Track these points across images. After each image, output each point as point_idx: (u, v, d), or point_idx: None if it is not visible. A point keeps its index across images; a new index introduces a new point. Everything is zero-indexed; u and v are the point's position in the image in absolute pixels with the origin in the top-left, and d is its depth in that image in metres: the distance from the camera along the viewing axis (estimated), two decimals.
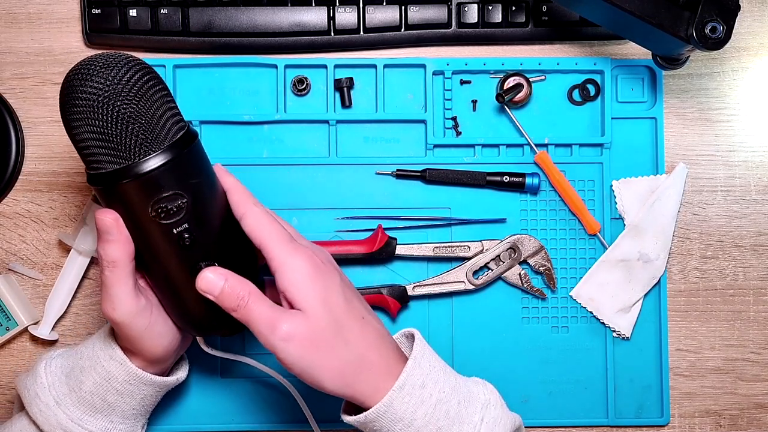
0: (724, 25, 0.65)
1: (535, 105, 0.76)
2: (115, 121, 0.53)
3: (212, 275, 0.57)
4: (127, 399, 0.63)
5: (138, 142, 0.54)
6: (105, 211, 0.56)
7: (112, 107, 0.53)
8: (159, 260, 0.59)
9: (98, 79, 0.53)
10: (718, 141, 0.77)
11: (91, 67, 0.54)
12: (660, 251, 0.75)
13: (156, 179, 0.54)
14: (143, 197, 0.55)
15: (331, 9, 0.75)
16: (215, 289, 0.57)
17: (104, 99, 0.53)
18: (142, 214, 0.56)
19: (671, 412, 0.76)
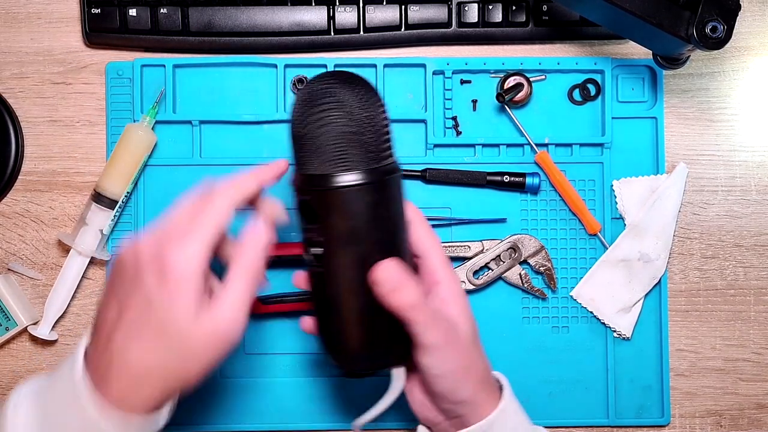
0: (725, 24, 0.65)
1: (535, 105, 0.76)
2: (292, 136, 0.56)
3: (395, 263, 0.55)
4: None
5: (307, 159, 0.55)
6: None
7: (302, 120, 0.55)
8: (336, 271, 0.56)
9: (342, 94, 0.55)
10: (719, 141, 0.77)
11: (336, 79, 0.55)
12: (660, 251, 0.75)
13: (300, 200, 0.56)
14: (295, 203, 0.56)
15: (331, 9, 0.75)
16: (391, 279, 0.54)
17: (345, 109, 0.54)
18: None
19: (672, 412, 0.76)
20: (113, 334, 0.51)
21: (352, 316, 0.56)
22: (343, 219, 0.54)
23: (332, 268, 0.55)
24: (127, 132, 0.73)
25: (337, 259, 0.55)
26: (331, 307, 0.56)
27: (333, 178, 0.54)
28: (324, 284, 0.56)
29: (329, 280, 0.56)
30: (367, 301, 0.55)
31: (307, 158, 0.55)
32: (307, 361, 0.75)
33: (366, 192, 0.54)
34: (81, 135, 0.76)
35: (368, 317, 0.56)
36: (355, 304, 0.56)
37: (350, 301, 0.56)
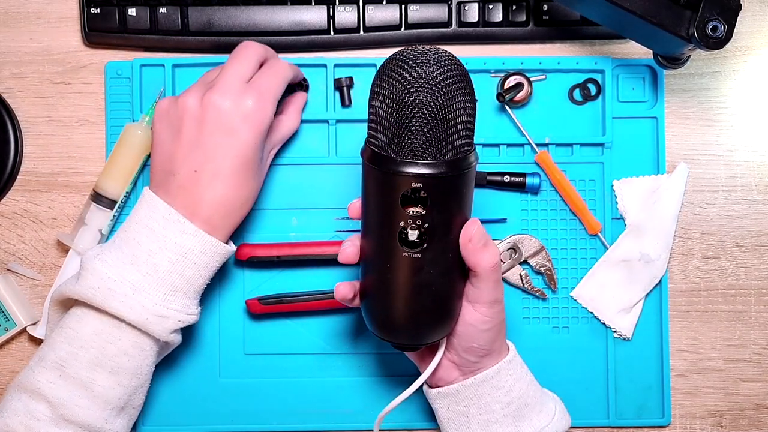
0: (726, 24, 0.65)
1: (535, 104, 0.76)
2: (404, 113, 0.54)
3: (480, 224, 0.59)
4: (203, 271, 0.64)
5: (414, 145, 0.54)
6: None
7: (406, 100, 0.54)
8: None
9: (412, 69, 0.54)
10: (720, 140, 0.77)
11: (414, 55, 0.55)
12: (661, 251, 0.75)
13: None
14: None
15: (331, 8, 0.75)
16: (485, 235, 0.59)
17: (403, 89, 0.54)
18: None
19: (672, 412, 0.76)
20: (200, 176, 0.64)
21: (435, 292, 0.59)
22: (454, 202, 0.56)
23: (431, 250, 0.57)
24: (126, 132, 0.73)
25: (437, 242, 0.57)
26: (412, 285, 0.58)
27: (455, 164, 0.55)
28: (416, 266, 0.57)
29: (429, 260, 0.57)
30: (450, 276, 0.59)
31: (419, 143, 0.54)
32: (307, 361, 0.75)
33: (469, 175, 0.57)
34: (80, 135, 0.76)
35: (447, 292, 0.59)
36: (443, 280, 0.58)
37: (439, 278, 0.58)
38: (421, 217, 0.55)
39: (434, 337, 0.61)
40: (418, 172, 0.54)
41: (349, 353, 0.75)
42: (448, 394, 0.65)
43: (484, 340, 0.62)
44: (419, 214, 0.55)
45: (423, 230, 0.56)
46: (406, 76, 0.54)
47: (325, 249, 0.73)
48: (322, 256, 0.73)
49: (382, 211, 0.57)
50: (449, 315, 0.61)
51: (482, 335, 0.62)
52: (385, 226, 0.57)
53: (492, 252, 0.59)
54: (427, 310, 0.59)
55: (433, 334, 0.61)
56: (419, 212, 0.55)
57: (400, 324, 0.60)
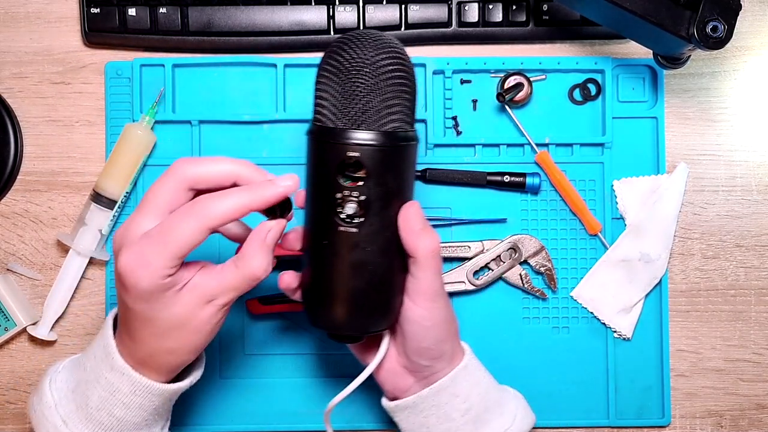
0: (726, 24, 0.65)
1: (535, 104, 0.76)
2: (346, 89, 0.55)
3: (420, 207, 0.57)
4: (136, 411, 0.58)
5: (352, 113, 0.55)
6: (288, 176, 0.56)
7: (348, 78, 0.55)
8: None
9: (353, 52, 0.55)
10: (720, 140, 0.77)
11: (357, 36, 0.56)
12: (661, 251, 0.74)
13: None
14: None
15: (331, 8, 0.75)
16: (423, 218, 0.57)
17: (346, 69, 0.55)
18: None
19: (672, 412, 0.76)
20: (122, 320, 0.57)
21: (370, 275, 0.57)
22: (391, 177, 0.56)
23: (367, 227, 0.56)
24: (126, 132, 0.73)
25: (373, 218, 0.56)
26: (348, 266, 0.57)
27: (393, 135, 0.55)
28: (353, 242, 0.56)
29: (365, 238, 0.56)
30: (387, 259, 0.57)
31: (356, 111, 0.55)
32: (307, 361, 0.75)
33: (411, 151, 0.57)
34: (80, 135, 0.76)
35: (383, 277, 0.58)
36: (379, 262, 0.57)
37: (375, 259, 0.57)
38: (358, 188, 0.55)
39: (373, 328, 0.59)
40: (355, 139, 0.54)
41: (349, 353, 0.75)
42: (406, 406, 0.62)
43: (431, 339, 0.60)
44: (357, 186, 0.55)
45: (359, 202, 0.55)
46: (349, 52, 0.55)
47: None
48: None
49: (320, 184, 0.56)
50: (388, 301, 0.59)
51: (427, 333, 0.59)
52: (322, 200, 0.56)
53: (431, 236, 0.57)
54: (364, 294, 0.57)
55: (370, 324, 0.59)
56: (357, 184, 0.55)
57: (337, 308, 0.58)
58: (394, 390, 0.64)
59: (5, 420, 0.76)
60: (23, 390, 0.76)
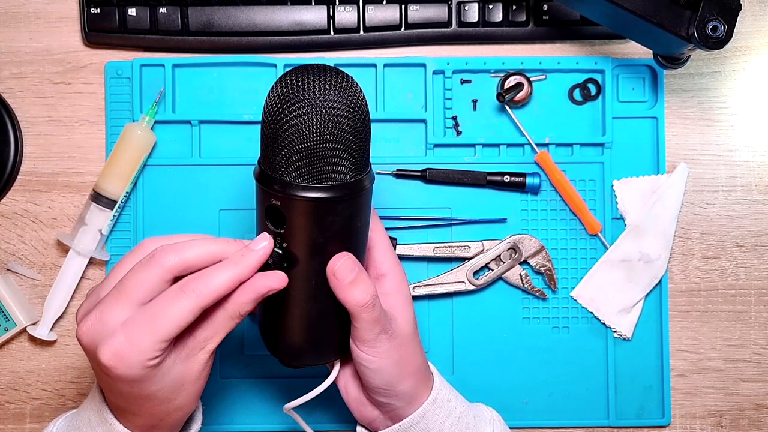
0: (726, 24, 0.65)
1: (535, 104, 0.76)
2: (279, 128, 0.51)
3: (351, 259, 0.54)
4: None
5: (281, 162, 0.51)
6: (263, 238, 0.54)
7: (283, 114, 0.51)
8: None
9: (300, 80, 0.51)
10: (720, 140, 0.77)
11: (309, 70, 0.52)
12: (661, 251, 0.74)
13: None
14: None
15: (331, 8, 0.75)
16: (353, 271, 0.54)
17: (285, 101, 0.51)
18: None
19: (672, 412, 0.76)
20: (116, 400, 0.55)
21: (304, 316, 0.56)
22: (314, 229, 0.53)
23: (295, 272, 0.54)
24: (126, 132, 0.73)
25: (300, 265, 0.54)
26: (283, 306, 0.56)
27: (310, 190, 0.51)
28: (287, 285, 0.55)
29: (291, 282, 0.54)
30: (321, 303, 0.56)
31: (281, 159, 0.52)
32: None
33: (342, 206, 0.53)
34: (80, 135, 0.76)
35: (318, 317, 0.57)
36: (311, 305, 0.56)
37: (307, 303, 0.56)
38: (280, 234, 0.53)
39: (315, 361, 0.59)
40: (276, 189, 0.51)
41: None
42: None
43: (380, 380, 0.58)
44: (278, 232, 0.53)
45: (282, 249, 0.53)
46: (296, 86, 0.51)
47: None
48: None
49: (258, 220, 0.55)
50: (323, 339, 0.58)
51: (375, 375, 0.57)
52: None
53: (362, 289, 0.54)
54: (298, 332, 0.57)
55: (312, 357, 0.59)
56: (279, 230, 0.53)
57: (278, 343, 0.58)
58: (362, 419, 0.63)
59: (5, 420, 0.76)
60: (23, 390, 0.76)
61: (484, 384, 0.75)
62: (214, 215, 0.75)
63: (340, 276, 0.54)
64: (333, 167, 0.52)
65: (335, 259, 0.54)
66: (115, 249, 0.75)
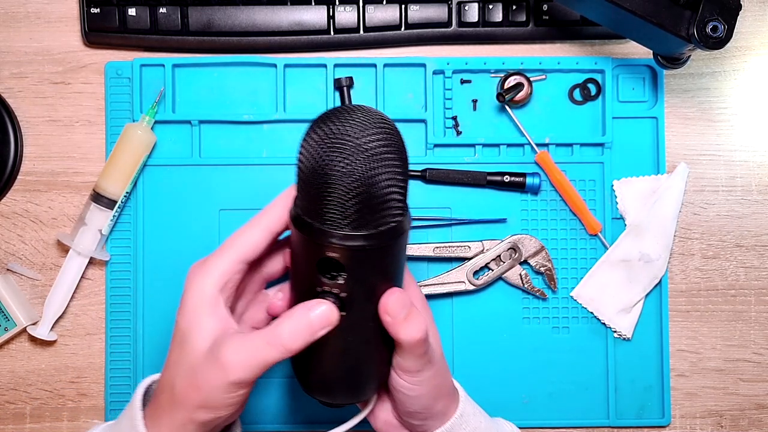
0: (726, 24, 0.65)
1: (535, 104, 0.76)
2: (323, 178, 0.49)
3: (403, 295, 0.53)
4: None
5: (331, 214, 0.49)
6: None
7: (327, 164, 0.48)
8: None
9: (338, 127, 0.49)
10: (720, 141, 0.77)
11: (343, 114, 0.50)
12: (661, 251, 0.75)
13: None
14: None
15: (331, 8, 0.75)
16: (405, 307, 0.53)
17: (326, 150, 0.49)
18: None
19: (672, 412, 0.76)
20: (164, 373, 0.55)
21: (353, 356, 0.55)
22: (371, 273, 0.52)
23: (351, 319, 0.53)
24: (126, 132, 0.73)
25: (354, 308, 0.53)
26: (331, 346, 0.54)
27: (379, 234, 0.50)
28: (336, 333, 0.53)
29: (347, 328, 0.53)
30: (370, 342, 0.55)
31: (331, 211, 0.49)
32: None
33: (397, 246, 0.52)
34: (80, 135, 0.76)
35: (367, 356, 0.56)
36: (360, 345, 0.55)
37: (357, 343, 0.55)
38: (338, 285, 0.51)
39: (356, 400, 0.58)
40: (335, 242, 0.49)
41: None
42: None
43: (418, 405, 0.58)
44: (337, 283, 0.51)
45: (340, 299, 0.52)
46: (334, 133, 0.48)
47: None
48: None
49: (302, 272, 0.53)
50: (370, 378, 0.57)
51: (413, 401, 0.57)
52: (304, 288, 0.53)
53: (415, 325, 0.53)
54: (347, 375, 0.56)
55: (353, 397, 0.58)
56: (336, 281, 0.51)
57: (322, 385, 0.57)
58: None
59: (5, 420, 0.76)
60: (23, 390, 0.76)
61: (485, 384, 0.75)
62: (214, 215, 0.75)
63: (393, 313, 0.53)
64: (386, 209, 0.50)
65: (387, 296, 0.53)
66: (115, 249, 0.75)
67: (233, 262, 0.54)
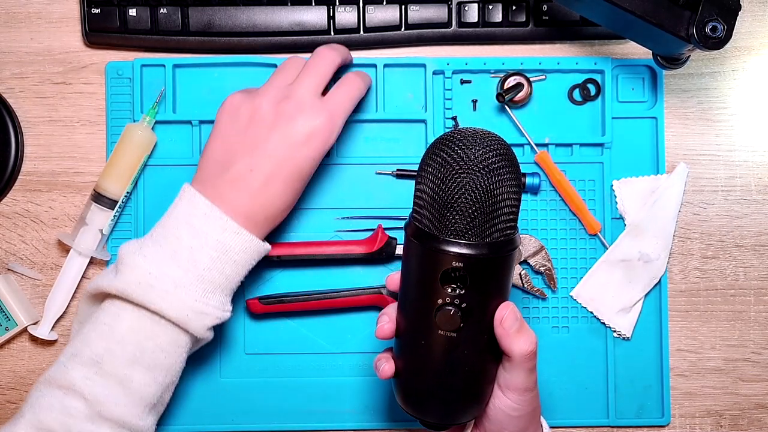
0: (725, 24, 0.65)
1: (535, 104, 0.76)
2: (450, 193, 0.53)
3: (515, 308, 0.57)
4: (241, 269, 0.64)
5: (458, 225, 0.54)
6: None
7: (453, 180, 0.53)
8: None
9: (461, 150, 0.54)
10: (719, 141, 0.77)
11: (464, 137, 0.55)
12: (660, 251, 0.75)
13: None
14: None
15: (331, 8, 0.75)
16: (517, 320, 0.56)
17: (451, 169, 0.53)
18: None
19: (672, 412, 0.76)
20: (254, 175, 0.65)
21: (470, 371, 0.57)
22: (492, 285, 0.55)
23: (468, 331, 0.55)
24: (126, 132, 0.73)
25: (472, 320, 0.55)
26: (448, 362, 0.56)
27: (498, 245, 0.54)
28: (451, 345, 0.56)
29: (463, 340, 0.56)
30: (484, 356, 0.57)
31: (456, 222, 0.54)
32: (307, 361, 0.75)
33: (512, 257, 0.56)
34: (81, 135, 0.76)
35: (482, 372, 0.58)
36: (476, 359, 0.57)
37: (474, 357, 0.57)
38: (459, 296, 0.54)
39: (462, 419, 0.60)
40: (460, 252, 0.53)
41: (349, 353, 0.75)
42: None
43: (514, 426, 0.60)
44: (458, 294, 0.54)
45: (461, 310, 0.55)
46: (454, 156, 0.53)
47: (325, 249, 0.73)
48: (322, 255, 0.73)
49: (421, 287, 0.56)
50: (479, 397, 0.59)
51: (512, 421, 0.59)
52: (423, 302, 0.56)
53: (527, 338, 0.56)
54: (457, 390, 0.58)
55: (461, 416, 0.59)
56: (458, 292, 0.54)
57: (430, 402, 0.59)
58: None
59: (6, 420, 0.76)
60: (24, 390, 0.76)
61: None
62: None
63: (507, 325, 0.56)
64: (505, 221, 0.55)
65: (502, 308, 0.56)
66: (115, 249, 0.75)
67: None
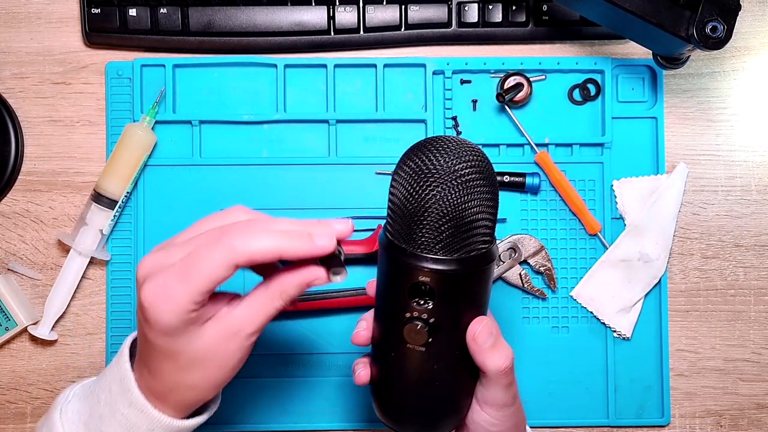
0: (725, 24, 0.65)
1: (535, 104, 0.76)
2: (418, 205, 0.50)
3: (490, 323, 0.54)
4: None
5: (425, 239, 0.51)
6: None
7: (421, 192, 0.50)
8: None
9: (434, 157, 0.50)
10: (719, 140, 0.77)
11: (438, 145, 0.51)
12: (660, 251, 0.75)
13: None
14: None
15: (331, 8, 0.75)
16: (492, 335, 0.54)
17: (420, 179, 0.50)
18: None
19: (672, 412, 0.76)
20: (141, 352, 0.55)
21: (442, 386, 0.56)
22: (462, 300, 0.53)
23: (438, 346, 0.54)
24: (126, 132, 0.73)
25: (441, 335, 0.53)
26: (420, 375, 0.55)
27: (469, 260, 0.52)
28: (420, 360, 0.54)
29: (433, 355, 0.54)
30: (456, 371, 0.56)
31: (425, 236, 0.51)
32: (307, 361, 0.75)
33: (488, 272, 0.53)
34: (81, 135, 0.76)
35: (455, 386, 0.56)
36: (447, 374, 0.55)
37: (446, 372, 0.55)
38: (427, 311, 0.52)
39: (439, 430, 0.58)
40: (427, 266, 0.51)
41: (349, 353, 0.75)
42: None
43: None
44: (426, 308, 0.52)
45: (429, 324, 0.53)
46: (427, 164, 0.50)
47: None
48: None
49: (391, 298, 0.54)
50: (455, 411, 0.57)
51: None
52: (392, 314, 0.54)
53: (501, 354, 0.54)
54: (431, 403, 0.56)
55: (437, 429, 0.58)
56: (427, 306, 0.52)
57: (401, 415, 0.57)
58: None
59: (6, 420, 0.76)
60: (24, 390, 0.76)
61: None
62: None
63: (480, 341, 0.53)
64: (477, 236, 0.52)
65: (474, 324, 0.54)
66: (115, 249, 0.75)
67: (202, 293, 0.50)
